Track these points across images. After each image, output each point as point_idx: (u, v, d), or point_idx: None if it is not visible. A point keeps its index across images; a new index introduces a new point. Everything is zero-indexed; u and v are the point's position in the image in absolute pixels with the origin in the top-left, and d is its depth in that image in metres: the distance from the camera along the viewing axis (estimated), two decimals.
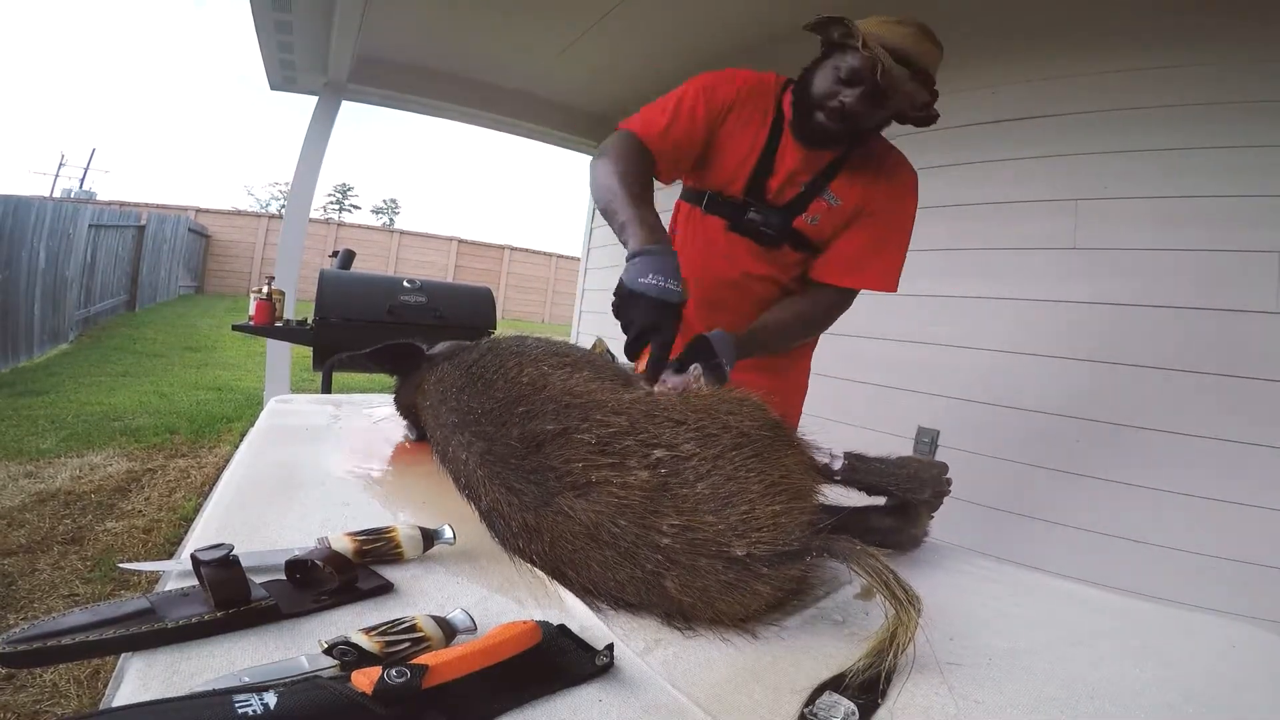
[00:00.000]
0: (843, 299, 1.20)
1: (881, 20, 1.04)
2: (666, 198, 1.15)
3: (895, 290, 1.19)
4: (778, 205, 1.15)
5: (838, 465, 0.71)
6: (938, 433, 2.25)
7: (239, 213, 15.61)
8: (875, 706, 0.44)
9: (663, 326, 0.84)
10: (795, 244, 1.18)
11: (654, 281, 0.84)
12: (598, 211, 1.09)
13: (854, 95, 1.03)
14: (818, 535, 0.54)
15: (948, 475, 0.78)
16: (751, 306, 1.21)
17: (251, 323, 2.64)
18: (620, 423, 0.60)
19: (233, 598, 0.46)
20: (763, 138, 1.13)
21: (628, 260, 0.89)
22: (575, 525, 0.56)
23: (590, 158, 1.12)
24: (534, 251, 16.38)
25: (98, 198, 18.57)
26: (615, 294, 0.87)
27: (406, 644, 0.43)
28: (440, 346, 0.92)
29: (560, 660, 0.45)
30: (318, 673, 0.40)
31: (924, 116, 1.10)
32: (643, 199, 0.99)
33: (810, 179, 1.13)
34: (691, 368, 0.88)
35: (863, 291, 1.21)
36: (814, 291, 1.20)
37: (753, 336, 1.09)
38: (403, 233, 15.64)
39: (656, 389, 0.75)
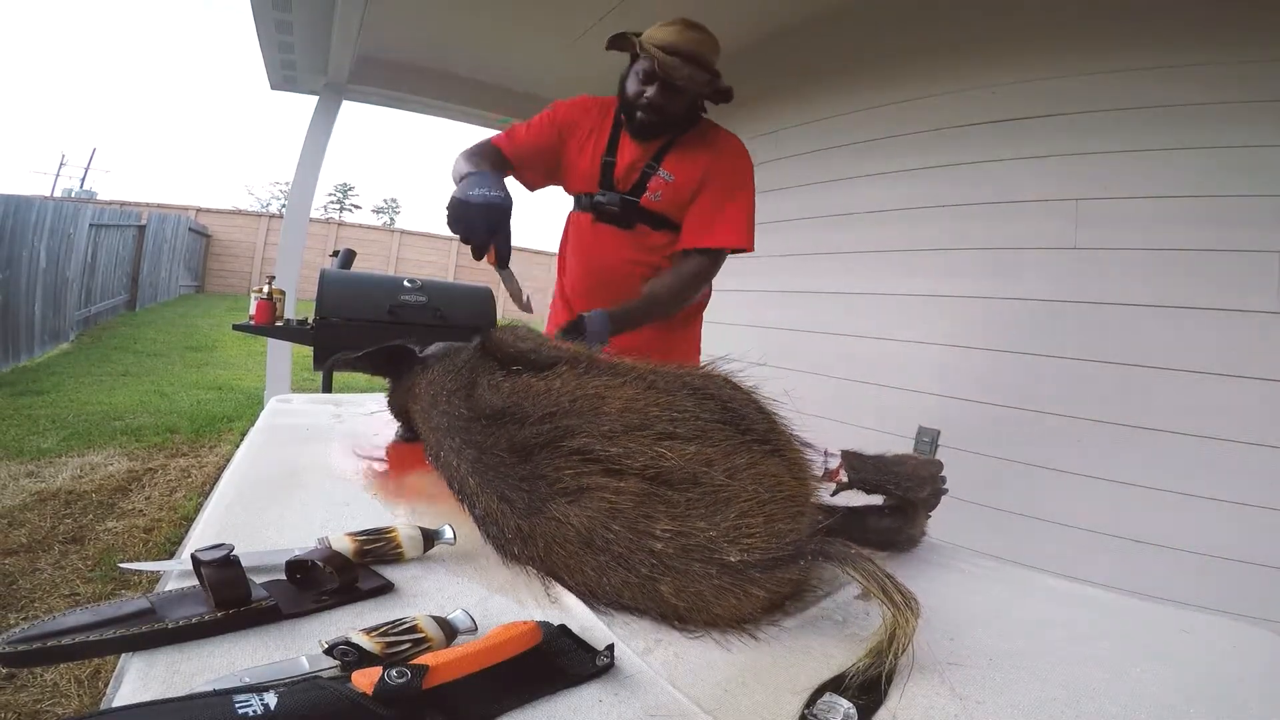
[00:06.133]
0: (707, 261, 1.37)
1: (656, 26, 1.28)
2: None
3: (752, 247, 1.37)
4: (624, 191, 1.37)
5: (834, 464, 0.71)
6: (938, 433, 2.25)
7: (239, 212, 15.60)
8: (876, 707, 0.44)
9: (499, 227, 1.04)
10: (652, 223, 1.38)
11: (481, 192, 1.02)
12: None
13: (653, 90, 1.26)
14: (812, 539, 0.54)
15: (943, 474, 0.79)
16: (632, 292, 1.38)
17: (252, 322, 2.64)
18: (609, 429, 0.60)
19: (233, 598, 0.46)
20: (604, 142, 1.37)
21: (457, 184, 1.07)
22: (568, 531, 0.56)
23: None
24: (534, 251, 16.36)
25: (98, 197, 18.57)
26: (448, 209, 1.03)
27: (407, 644, 0.43)
28: (433, 348, 0.92)
29: (561, 661, 0.45)
30: (318, 673, 0.40)
31: (716, 92, 1.31)
32: (485, 159, 1.26)
33: (646, 163, 1.36)
34: None
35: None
36: (680, 261, 1.38)
37: (625, 311, 1.26)
38: (403, 232, 15.62)
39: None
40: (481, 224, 1.02)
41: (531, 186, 1.45)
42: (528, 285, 1.19)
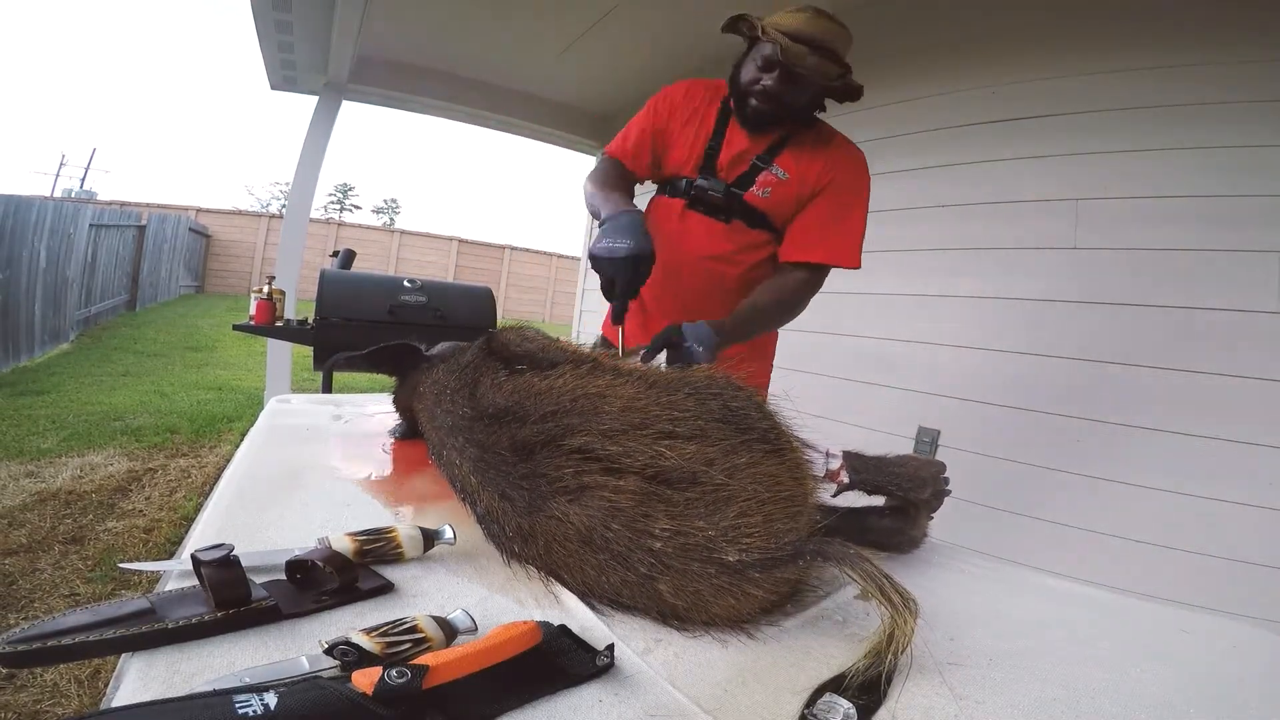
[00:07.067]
0: (812, 277, 1.26)
1: (783, 12, 1.16)
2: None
3: (859, 265, 1.25)
4: (728, 181, 1.28)
5: (835, 465, 0.71)
6: (938, 433, 2.25)
7: (240, 212, 15.57)
8: (876, 707, 0.44)
9: (617, 278, 1.00)
10: (750, 220, 1.27)
11: (605, 244, 1.00)
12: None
13: (772, 78, 1.17)
14: (811, 539, 0.54)
15: (945, 474, 0.79)
16: (715, 288, 1.29)
17: (252, 322, 2.64)
18: (609, 428, 0.60)
19: (233, 598, 0.46)
20: (709, 126, 1.28)
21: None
22: (569, 529, 0.56)
23: (592, 158, 1.24)
24: (534, 251, 16.36)
25: (98, 197, 18.53)
26: (592, 264, 1.02)
27: (407, 644, 0.43)
28: (438, 348, 0.93)
29: (561, 661, 0.45)
30: (318, 673, 0.40)
31: (842, 88, 1.19)
32: (613, 188, 1.19)
33: (757, 156, 1.26)
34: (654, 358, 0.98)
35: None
36: (783, 273, 1.26)
37: (736, 322, 1.15)
38: (403, 232, 15.61)
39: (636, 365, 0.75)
40: (622, 281, 1.00)
41: (643, 178, 1.37)
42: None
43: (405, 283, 2.55)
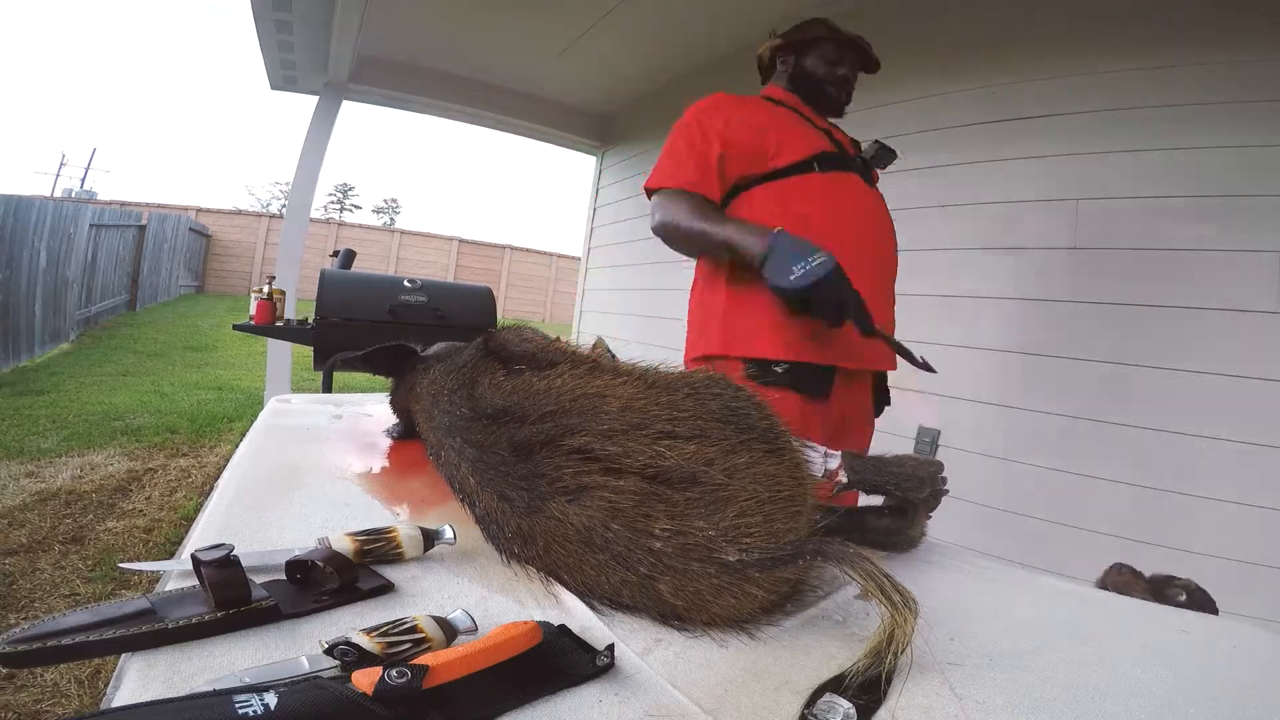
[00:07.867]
0: None
1: (805, 22, 1.41)
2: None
3: None
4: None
5: (834, 464, 0.71)
6: (938, 432, 2.25)
7: (240, 212, 15.60)
8: (876, 707, 0.44)
9: (845, 297, 0.93)
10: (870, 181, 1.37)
11: (801, 269, 0.91)
12: (677, 248, 1.22)
13: (845, 68, 1.37)
14: (810, 538, 0.54)
15: (943, 474, 0.79)
16: (894, 254, 1.35)
17: (252, 322, 2.64)
18: (609, 428, 0.60)
19: (233, 598, 0.46)
20: (796, 118, 1.31)
21: (761, 266, 0.96)
22: (568, 529, 0.56)
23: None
24: (534, 251, 16.36)
25: (99, 197, 18.53)
26: (784, 300, 0.92)
27: (407, 644, 0.43)
28: (434, 348, 0.92)
29: (561, 661, 0.45)
30: (318, 673, 0.40)
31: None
32: (719, 215, 1.14)
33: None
34: None
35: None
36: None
37: None
38: (403, 232, 15.63)
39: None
40: (833, 301, 0.92)
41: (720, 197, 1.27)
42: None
43: (405, 283, 2.54)
